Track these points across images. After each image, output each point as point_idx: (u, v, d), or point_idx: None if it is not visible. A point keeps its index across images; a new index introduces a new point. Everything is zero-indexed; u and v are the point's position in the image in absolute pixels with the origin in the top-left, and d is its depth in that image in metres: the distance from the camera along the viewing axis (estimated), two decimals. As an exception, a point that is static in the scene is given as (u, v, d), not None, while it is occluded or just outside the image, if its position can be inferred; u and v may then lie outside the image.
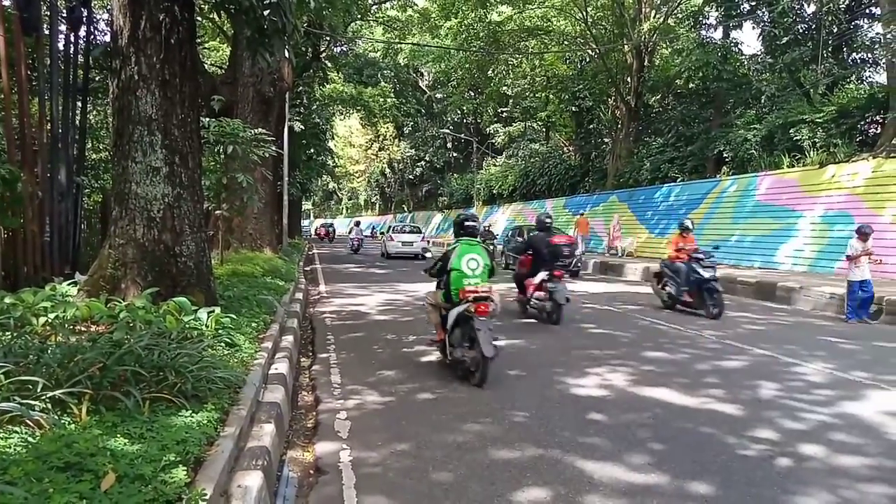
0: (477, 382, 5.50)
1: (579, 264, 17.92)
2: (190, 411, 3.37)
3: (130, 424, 3.07)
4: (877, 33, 19.55)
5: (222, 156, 10.12)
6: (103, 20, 16.94)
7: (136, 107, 5.95)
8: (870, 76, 21.55)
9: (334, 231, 51.93)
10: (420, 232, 28.04)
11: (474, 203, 43.57)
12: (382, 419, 4.66)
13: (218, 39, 25.03)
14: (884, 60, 17.54)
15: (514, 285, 10.47)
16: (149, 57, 5.95)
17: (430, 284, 7.14)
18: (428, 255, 24.13)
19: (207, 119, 9.90)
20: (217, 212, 11.22)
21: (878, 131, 16.57)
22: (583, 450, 3.98)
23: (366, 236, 37.09)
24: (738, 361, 6.67)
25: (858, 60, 21.44)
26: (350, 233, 33.38)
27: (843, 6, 19.29)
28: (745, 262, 17.46)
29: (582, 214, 26.88)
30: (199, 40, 18.83)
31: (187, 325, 4.90)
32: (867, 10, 20.23)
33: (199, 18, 17.62)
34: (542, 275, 9.27)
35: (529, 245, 10.03)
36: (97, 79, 11.68)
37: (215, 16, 17.78)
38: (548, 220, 10.20)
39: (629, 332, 8.51)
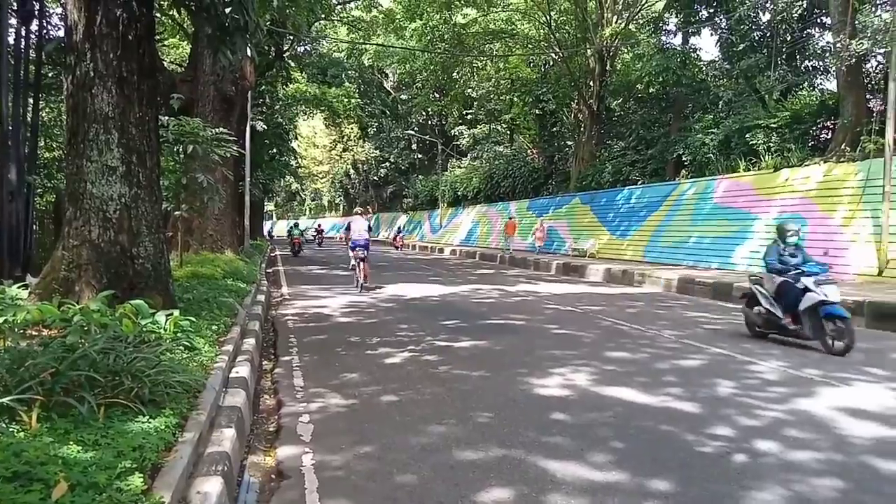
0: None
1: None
2: (147, 417, 3.29)
3: (84, 431, 2.98)
4: (827, 42, 20.31)
5: (182, 155, 9.92)
6: (56, 14, 16.44)
7: (91, 104, 5.78)
8: (821, 83, 22.37)
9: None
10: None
11: (439, 205, 43.62)
12: (346, 422, 4.62)
13: (178, 36, 24.52)
14: (834, 68, 18.18)
15: None
16: (105, 53, 5.80)
17: (391, 286, 7.10)
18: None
19: (167, 118, 9.68)
20: (176, 213, 10.99)
21: (829, 137, 17.17)
22: (546, 449, 4.02)
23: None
24: (696, 360, 6.82)
25: (811, 68, 22.22)
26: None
27: (797, 15, 19.94)
28: (703, 263, 17.88)
29: (511, 219, 27.74)
30: (157, 37, 18.44)
31: (145, 329, 4.78)
32: (818, 20, 20.98)
33: (157, 15, 17.27)
34: None
35: None
36: (50, 75, 11.35)
37: (175, 12, 17.45)
38: None
39: (591, 332, 8.63)
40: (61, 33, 8.53)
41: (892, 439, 4.30)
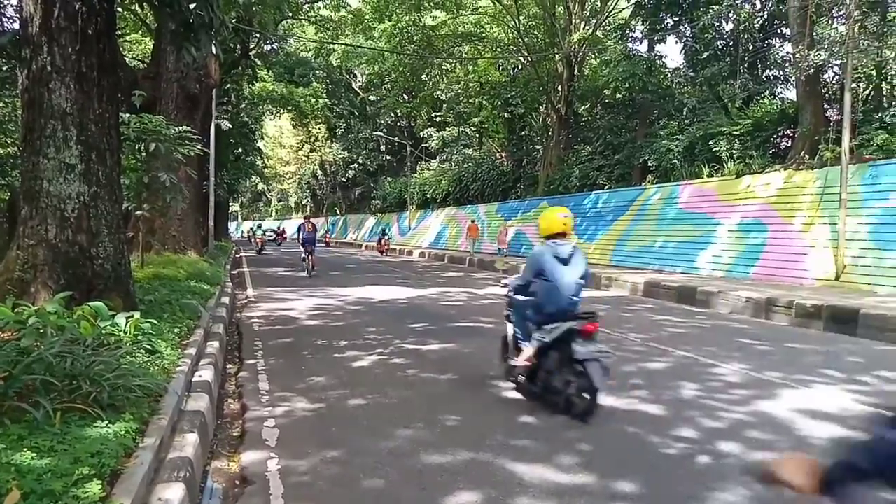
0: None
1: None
2: (106, 422, 3.19)
3: (39, 437, 2.87)
4: (787, 52, 20.87)
5: (144, 153, 9.70)
6: (11, 5, 15.94)
7: (48, 100, 5.60)
8: (781, 92, 23.03)
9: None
10: None
11: (408, 207, 43.53)
12: (312, 426, 4.56)
13: (140, 32, 23.98)
14: (793, 78, 18.71)
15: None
16: (63, 48, 5.62)
17: (359, 288, 7.04)
18: None
19: (128, 115, 9.46)
20: (138, 212, 10.73)
21: (789, 145, 17.66)
22: (514, 452, 4.02)
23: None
24: (661, 363, 6.92)
25: (771, 77, 22.82)
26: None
27: (758, 26, 20.47)
28: (668, 266, 18.19)
29: (473, 221, 28.19)
30: (119, 32, 18.00)
31: (104, 332, 4.64)
32: (779, 31, 21.57)
33: (119, 9, 16.86)
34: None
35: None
36: (4, 68, 10.97)
37: (137, 7, 17.07)
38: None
39: (559, 335, 8.68)
40: (16, 25, 8.24)
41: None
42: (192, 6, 5.88)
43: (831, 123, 16.07)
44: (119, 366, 3.83)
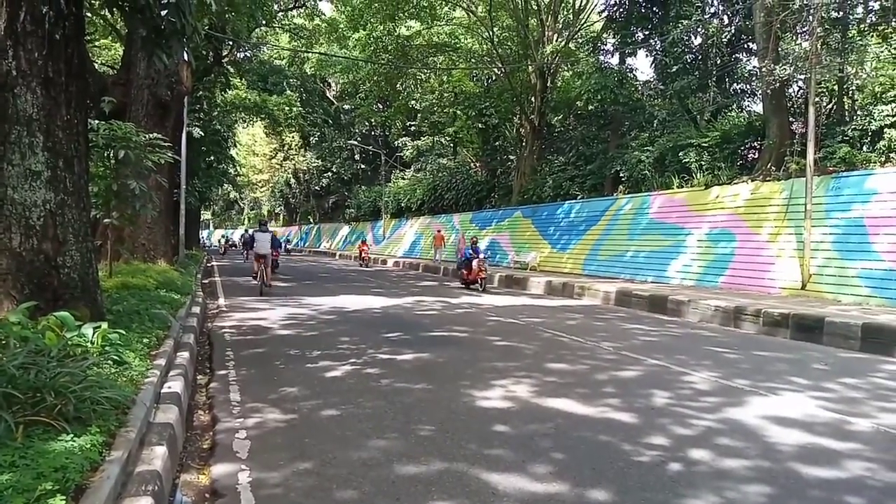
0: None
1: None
2: (71, 435, 3.11)
3: (0, 452, 2.79)
4: (753, 67, 21.40)
5: (113, 161, 9.52)
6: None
7: (13, 105, 5.48)
8: (748, 106, 23.60)
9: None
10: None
11: (382, 216, 43.44)
12: (284, 437, 4.50)
13: (110, 37, 23.63)
14: (760, 92, 19.18)
15: None
16: (29, 52, 5.51)
17: (332, 298, 6.99)
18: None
19: (97, 121, 9.29)
20: (106, 220, 10.52)
21: (756, 156, 18.08)
22: (488, 461, 4.02)
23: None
24: (633, 371, 6.99)
25: (739, 91, 23.38)
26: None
27: (726, 40, 20.95)
28: (639, 276, 18.42)
29: (439, 231, 28.66)
30: (88, 37, 17.72)
31: (70, 342, 4.53)
32: (746, 46, 22.11)
33: (88, 14, 16.59)
34: None
35: None
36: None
37: (107, 12, 16.82)
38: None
39: (532, 344, 8.73)
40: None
41: (814, 446, 4.51)
42: (163, 12, 5.81)
43: (796, 136, 16.51)
44: (85, 377, 3.74)
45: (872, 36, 15.88)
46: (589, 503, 3.44)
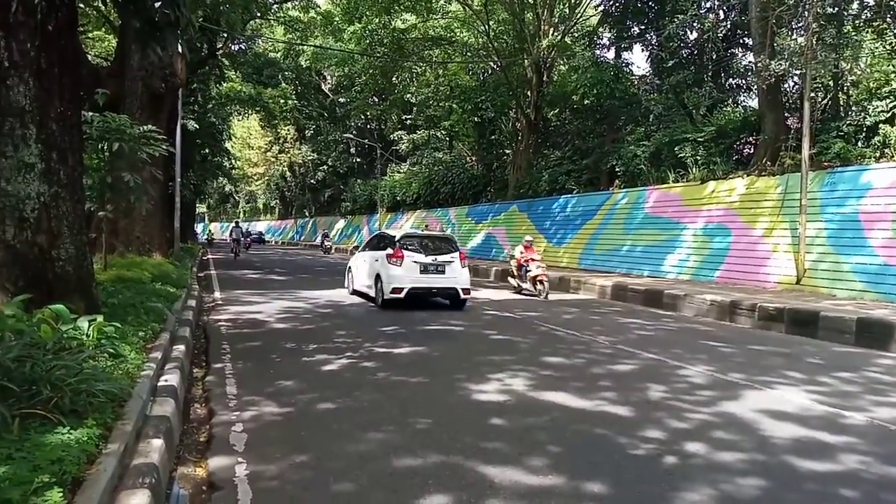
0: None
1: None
2: (68, 428, 3.09)
3: (-5, 445, 2.78)
4: (749, 62, 21.42)
5: (107, 153, 9.46)
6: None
7: (6, 96, 5.42)
8: (744, 101, 23.62)
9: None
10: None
11: (378, 209, 43.38)
12: (281, 431, 4.50)
13: (104, 29, 23.44)
14: (755, 87, 19.19)
15: None
16: (21, 43, 5.45)
17: (331, 291, 6.97)
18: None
19: (91, 113, 9.22)
20: (101, 213, 10.46)
21: (752, 151, 18.10)
22: (484, 455, 4.03)
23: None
24: (629, 365, 7.01)
25: (735, 86, 23.39)
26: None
27: (722, 35, 20.94)
28: (635, 270, 18.45)
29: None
30: (82, 29, 17.57)
31: (65, 335, 4.50)
32: (742, 41, 22.11)
33: (81, 5, 16.41)
34: None
35: None
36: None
37: (100, 4, 16.68)
38: None
39: (529, 338, 8.74)
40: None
41: (808, 439, 4.54)
42: (157, 4, 5.75)
43: (791, 131, 16.55)
44: (81, 370, 3.72)
45: (867, 32, 15.91)
46: (585, 496, 3.45)
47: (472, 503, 3.32)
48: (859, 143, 14.70)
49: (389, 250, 11.90)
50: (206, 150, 32.78)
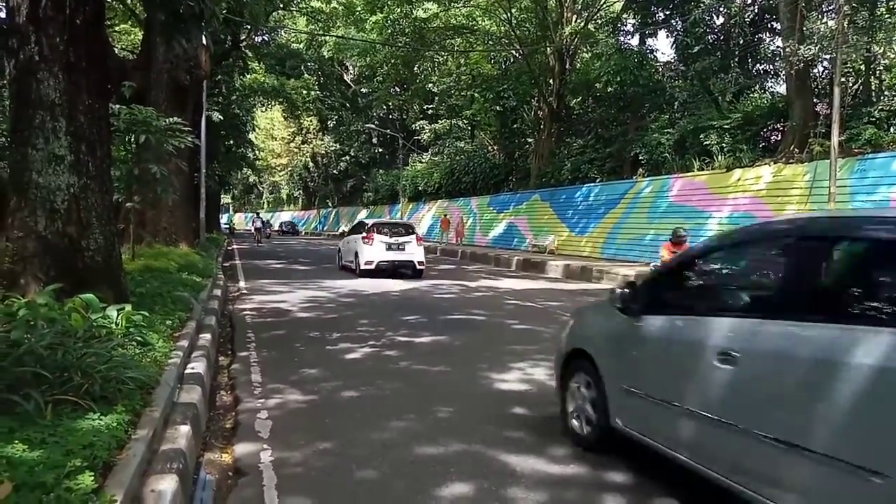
0: None
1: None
2: (98, 414, 3.18)
3: (30, 429, 2.86)
4: (777, 47, 20.96)
5: (134, 145, 9.61)
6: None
7: (36, 90, 5.54)
8: (772, 87, 23.14)
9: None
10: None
11: (400, 200, 43.47)
12: (305, 418, 4.57)
13: (129, 22, 23.73)
14: (784, 73, 18.79)
15: None
16: (51, 37, 5.56)
17: (353, 281, 7.04)
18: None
19: (117, 106, 9.36)
20: (128, 204, 10.65)
21: (779, 138, 17.75)
22: (506, 443, 4.05)
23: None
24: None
25: (762, 71, 22.93)
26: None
27: (749, 20, 20.53)
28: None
29: (444, 216, 28.78)
30: (108, 23, 17.80)
31: (95, 324, 4.61)
32: (769, 25, 21.64)
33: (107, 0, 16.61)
34: None
35: None
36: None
37: (127, -3, 16.91)
38: None
39: (551, 327, 8.71)
40: (3, 14, 8.13)
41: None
42: (182, -4, 5.82)
43: (821, 118, 16.17)
44: (111, 358, 3.81)
45: (902, 13, 15.47)
46: (607, 485, 3.45)
47: (494, 491, 3.35)
48: (891, 129, 14.33)
49: (364, 234, 15.95)
50: (231, 142, 33.14)
